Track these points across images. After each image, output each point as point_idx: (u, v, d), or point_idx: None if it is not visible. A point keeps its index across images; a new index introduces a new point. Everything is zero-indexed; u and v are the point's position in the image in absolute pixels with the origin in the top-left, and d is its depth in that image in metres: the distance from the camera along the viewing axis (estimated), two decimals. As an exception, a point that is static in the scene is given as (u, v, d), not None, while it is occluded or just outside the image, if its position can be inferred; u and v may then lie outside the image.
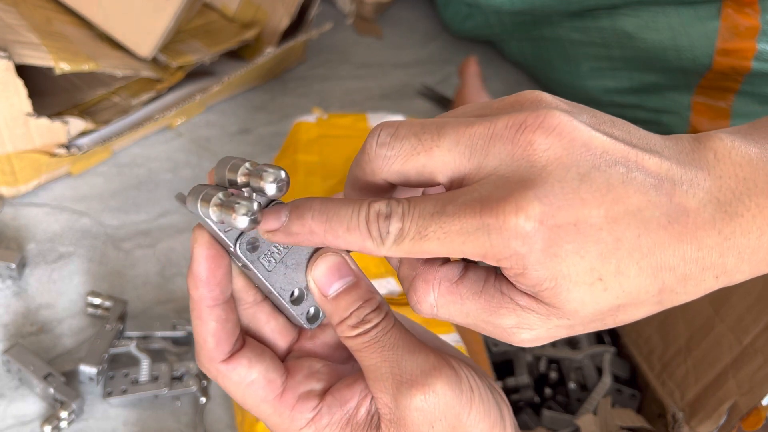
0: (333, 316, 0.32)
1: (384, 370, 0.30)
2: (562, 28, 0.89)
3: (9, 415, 0.55)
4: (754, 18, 0.72)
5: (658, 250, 0.27)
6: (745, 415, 0.48)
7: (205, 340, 0.32)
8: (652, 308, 0.29)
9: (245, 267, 0.32)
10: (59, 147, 0.68)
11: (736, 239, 0.27)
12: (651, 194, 0.26)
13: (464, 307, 0.29)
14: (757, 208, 0.27)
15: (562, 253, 0.26)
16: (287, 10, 0.86)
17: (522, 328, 0.28)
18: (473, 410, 0.31)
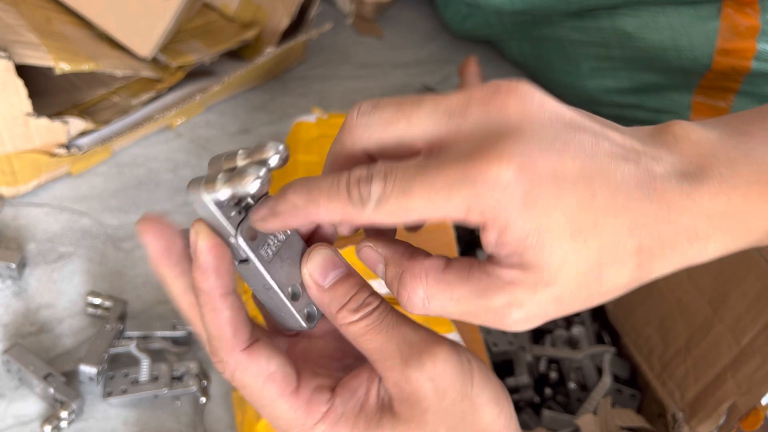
0: (332, 304, 0.32)
1: (391, 348, 0.31)
2: (562, 28, 0.89)
3: (9, 414, 0.55)
4: (754, 18, 0.72)
5: (631, 208, 0.28)
6: (744, 415, 0.48)
7: (222, 331, 0.31)
8: (633, 272, 0.28)
9: (244, 262, 0.32)
10: (59, 147, 0.68)
11: (704, 204, 0.28)
12: (619, 159, 0.28)
13: (454, 294, 0.29)
14: (721, 177, 0.28)
15: (542, 204, 0.27)
16: (287, 10, 0.86)
17: (512, 306, 0.29)
18: (475, 379, 0.31)
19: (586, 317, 0.67)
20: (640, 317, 0.62)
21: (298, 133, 0.71)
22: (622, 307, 0.64)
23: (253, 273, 0.32)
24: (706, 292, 0.55)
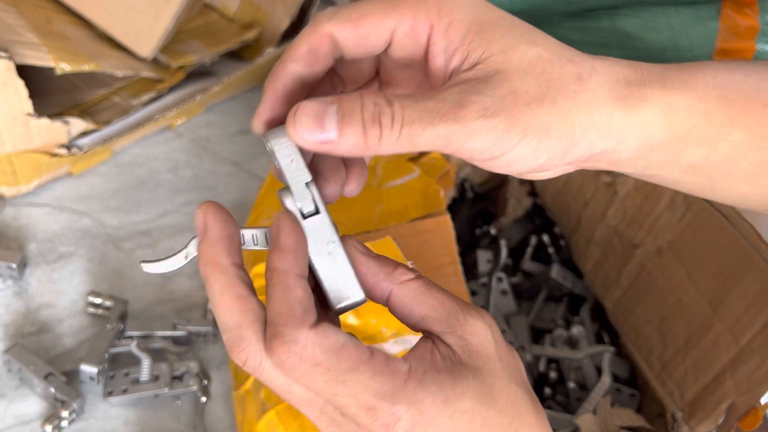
0: (385, 265, 0.33)
1: (448, 303, 0.32)
2: (562, 28, 0.89)
3: (10, 414, 0.55)
4: (754, 18, 0.72)
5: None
6: (743, 415, 0.48)
7: (291, 308, 0.29)
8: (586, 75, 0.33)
9: (311, 216, 0.32)
10: (60, 147, 0.68)
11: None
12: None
13: (419, 102, 0.30)
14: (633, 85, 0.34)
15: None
16: (287, 11, 0.86)
17: (470, 97, 0.30)
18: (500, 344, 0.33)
19: (586, 317, 0.67)
20: (640, 317, 0.62)
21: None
22: (622, 307, 0.65)
23: (321, 227, 0.32)
24: (705, 292, 0.55)
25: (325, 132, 0.29)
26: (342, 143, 0.30)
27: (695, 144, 0.34)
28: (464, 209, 0.73)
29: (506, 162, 0.32)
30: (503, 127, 0.30)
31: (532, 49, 0.31)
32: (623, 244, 0.64)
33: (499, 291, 0.67)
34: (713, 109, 0.33)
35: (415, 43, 0.32)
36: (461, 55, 0.31)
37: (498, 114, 0.30)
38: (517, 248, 0.73)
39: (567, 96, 0.31)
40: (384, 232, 0.56)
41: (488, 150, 0.31)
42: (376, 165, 0.64)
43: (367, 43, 0.32)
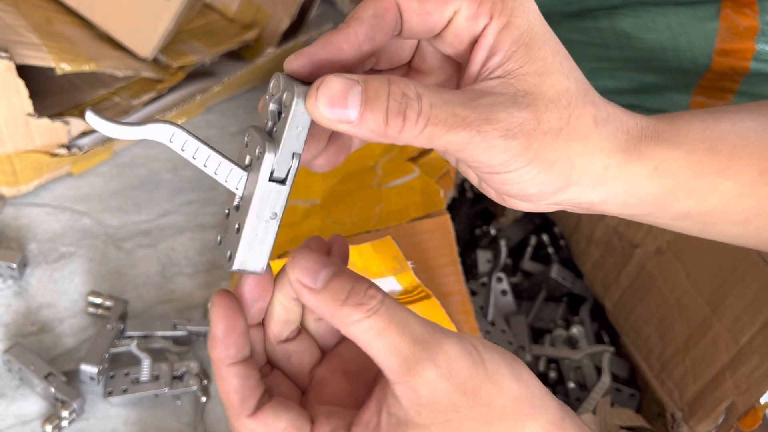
0: (330, 304, 0.30)
1: (403, 347, 0.29)
2: (561, 29, 0.89)
3: (10, 414, 0.55)
4: (753, 18, 0.72)
5: None
6: (743, 415, 0.48)
7: (228, 398, 0.32)
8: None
9: (281, 182, 0.32)
10: (60, 147, 0.68)
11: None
12: None
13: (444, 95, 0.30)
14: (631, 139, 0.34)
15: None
16: (287, 11, 0.86)
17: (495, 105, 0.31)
18: (486, 360, 0.30)
19: (586, 317, 0.67)
20: (639, 317, 0.62)
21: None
22: (622, 307, 0.65)
23: (277, 196, 0.32)
24: (704, 293, 0.55)
25: (345, 111, 0.29)
26: (360, 126, 0.29)
27: (685, 196, 0.35)
28: (464, 209, 0.73)
29: (503, 180, 0.32)
30: (518, 149, 0.31)
31: (564, 81, 0.32)
32: (623, 244, 0.64)
33: (498, 291, 0.67)
34: (702, 162, 0.34)
35: (470, 31, 0.32)
36: (500, 59, 0.31)
37: (518, 137, 0.30)
38: (516, 248, 0.73)
39: (579, 137, 0.32)
40: (384, 232, 0.57)
41: (496, 166, 0.31)
42: (376, 165, 0.64)
43: (428, 20, 0.32)
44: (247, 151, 0.33)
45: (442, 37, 0.33)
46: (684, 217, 0.36)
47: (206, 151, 0.32)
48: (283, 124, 0.31)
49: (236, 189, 0.32)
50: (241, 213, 0.32)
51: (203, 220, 0.73)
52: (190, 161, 0.32)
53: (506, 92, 0.31)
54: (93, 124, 0.30)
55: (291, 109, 0.31)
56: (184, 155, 0.31)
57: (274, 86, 0.32)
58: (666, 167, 0.34)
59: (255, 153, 0.32)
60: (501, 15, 0.31)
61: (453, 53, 0.34)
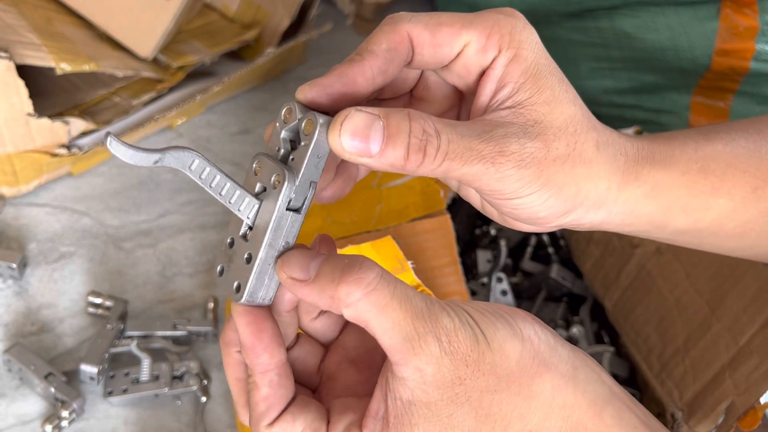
0: (326, 287, 0.30)
1: (406, 325, 0.29)
2: (561, 29, 0.89)
3: (10, 414, 0.55)
4: (753, 18, 0.72)
5: None
6: (742, 415, 0.48)
7: (256, 404, 0.32)
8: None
9: (296, 211, 0.32)
10: (60, 147, 0.68)
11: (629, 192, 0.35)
12: None
13: (459, 128, 0.31)
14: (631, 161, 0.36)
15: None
16: (287, 11, 0.86)
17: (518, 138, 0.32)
18: (483, 327, 0.30)
19: (586, 317, 0.67)
20: (639, 317, 0.62)
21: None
22: (621, 307, 0.65)
23: (291, 226, 0.32)
24: (704, 293, 0.55)
25: (368, 145, 0.30)
26: (381, 160, 0.30)
27: (681, 213, 0.36)
28: (464, 209, 0.73)
29: (515, 205, 0.33)
30: (530, 177, 0.32)
31: (571, 108, 0.33)
32: (623, 244, 0.64)
33: (498, 291, 0.67)
34: (696, 181, 0.36)
35: (479, 63, 0.33)
36: (510, 90, 0.33)
37: (530, 166, 0.32)
38: (516, 248, 0.73)
39: (583, 162, 0.33)
40: (384, 232, 0.57)
41: (509, 193, 0.32)
42: (375, 165, 0.64)
43: (439, 53, 0.33)
44: (258, 179, 0.33)
45: (450, 68, 0.34)
46: (681, 233, 0.38)
47: (223, 180, 0.32)
48: (303, 153, 0.31)
49: (247, 218, 0.32)
50: (251, 242, 0.32)
51: (203, 220, 0.73)
52: (206, 189, 0.32)
53: (517, 122, 0.32)
54: (114, 151, 0.31)
55: (314, 138, 0.31)
56: (201, 183, 0.31)
57: (286, 113, 0.32)
58: (661, 187, 0.36)
59: (270, 181, 0.32)
60: (509, 48, 0.33)
61: (460, 84, 0.35)
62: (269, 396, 0.32)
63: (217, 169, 0.31)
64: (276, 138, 0.33)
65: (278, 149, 0.33)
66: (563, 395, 0.30)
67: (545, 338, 0.31)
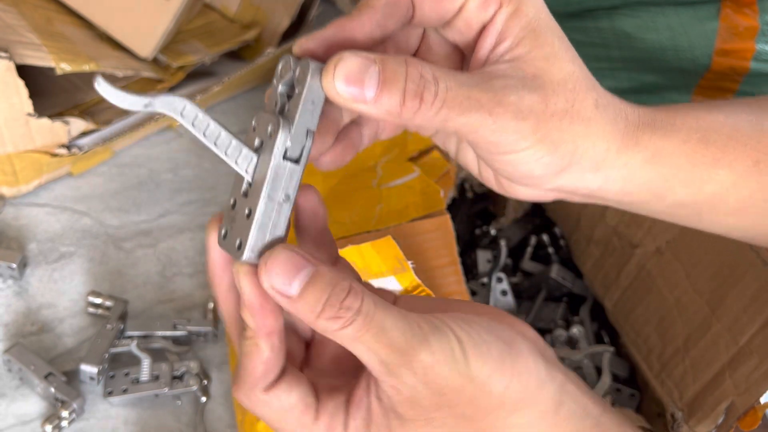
0: (306, 315, 0.29)
1: (381, 351, 0.29)
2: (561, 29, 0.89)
3: (10, 414, 0.55)
4: (753, 18, 0.72)
5: None
6: (742, 415, 0.48)
7: (254, 368, 0.31)
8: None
9: (295, 162, 0.31)
10: (60, 147, 0.68)
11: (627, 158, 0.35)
12: None
13: (460, 77, 0.31)
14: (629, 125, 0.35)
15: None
16: (287, 11, 0.86)
17: (507, 89, 0.31)
18: (470, 359, 0.29)
19: (586, 317, 0.67)
20: (639, 317, 0.62)
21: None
22: (621, 307, 0.65)
23: (290, 176, 0.31)
24: (704, 292, 0.55)
25: (362, 90, 0.29)
26: (376, 106, 0.29)
27: (681, 185, 0.36)
28: (464, 209, 0.73)
29: (509, 161, 0.33)
30: (527, 130, 0.31)
31: (570, 65, 0.33)
32: (623, 244, 0.64)
33: (498, 291, 0.67)
34: (696, 150, 0.35)
35: (480, 18, 0.33)
36: (509, 44, 0.32)
37: (528, 118, 0.31)
38: (516, 248, 0.73)
39: (582, 120, 0.33)
40: (384, 232, 0.57)
41: (505, 146, 0.32)
42: (376, 165, 0.64)
43: (440, 8, 0.33)
44: (256, 134, 0.32)
45: (451, 24, 0.34)
46: (680, 205, 0.37)
47: (216, 129, 0.31)
48: (296, 101, 0.31)
49: (246, 172, 0.31)
50: (251, 197, 0.31)
51: (203, 220, 0.73)
52: (200, 139, 0.30)
53: (516, 75, 0.32)
54: (103, 92, 0.30)
55: (306, 84, 0.30)
56: (194, 131, 0.30)
57: (283, 68, 0.32)
58: (661, 155, 0.35)
59: (266, 132, 0.31)
60: (510, 3, 0.32)
61: (460, 41, 0.35)
62: (270, 360, 0.31)
63: (210, 117, 0.31)
64: (274, 94, 0.32)
65: (276, 104, 0.32)
66: (539, 429, 0.31)
67: (537, 372, 0.30)
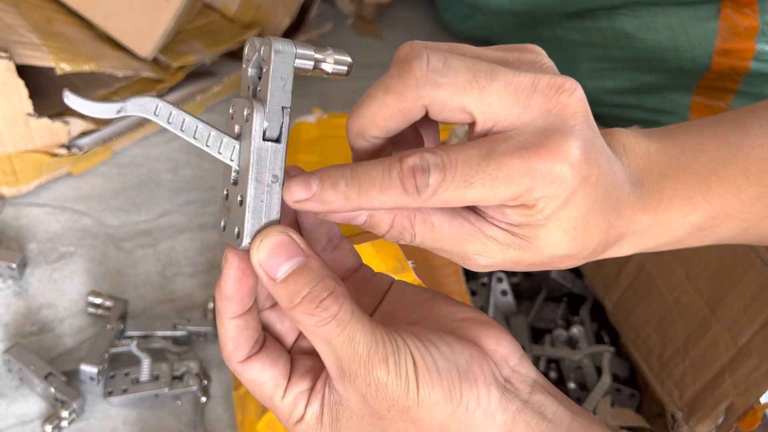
0: (283, 300, 0.31)
1: (339, 355, 0.31)
2: (561, 29, 0.89)
3: (10, 414, 0.55)
4: (753, 18, 0.72)
5: (607, 212, 0.32)
6: (742, 415, 0.48)
7: (225, 343, 0.34)
8: (575, 263, 0.33)
9: (276, 141, 0.31)
10: (60, 147, 0.68)
11: (637, 218, 0.33)
12: (608, 166, 0.32)
13: (436, 234, 0.32)
14: (652, 192, 0.34)
15: (572, 201, 0.30)
16: (287, 11, 0.86)
17: (481, 254, 0.32)
18: (420, 383, 0.31)
19: (586, 317, 0.67)
20: (639, 317, 0.62)
21: (299, 134, 0.71)
22: (621, 307, 0.65)
23: (274, 156, 0.31)
24: (704, 293, 0.55)
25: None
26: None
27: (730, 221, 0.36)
28: (464, 209, 0.73)
29: None
30: None
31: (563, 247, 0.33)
32: (623, 244, 0.64)
33: (499, 291, 0.67)
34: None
35: None
36: (512, 225, 0.32)
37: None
38: (516, 248, 0.72)
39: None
40: (384, 232, 0.56)
41: None
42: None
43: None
44: (234, 121, 0.32)
45: None
46: (731, 238, 0.37)
47: (193, 122, 0.31)
48: (266, 80, 0.31)
49: (231, 160, 0.32)
50: (240, 184, 0.31)
51: (203, 220, 0.73)
52: (178, 134, 0.31)
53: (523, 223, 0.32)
54: (72, 104, 0.29)
55: (271, 61, 0.30)
56: (171, 128, 0.30)
57: (249, 50, 0.32)
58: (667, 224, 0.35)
59: (243, 117, 0.31)
60: (529, 207, 0.32)
61: None
62: (236, 336, 0.33)
63: (185, 112, 0.31)
64: (245, 78, 0.32)
65: (248, 88, 0.32)
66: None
67: (486, 403, 0.31)
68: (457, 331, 0.34)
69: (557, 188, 0.30)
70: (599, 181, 0.31)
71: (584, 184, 0.30)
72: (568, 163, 0.29)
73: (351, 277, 0.38)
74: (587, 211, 0.31)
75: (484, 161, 0.29)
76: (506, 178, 0.29)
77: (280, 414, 0.34)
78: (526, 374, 0.33)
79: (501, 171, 0.29)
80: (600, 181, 0.31)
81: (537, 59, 0.32)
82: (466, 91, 0.29)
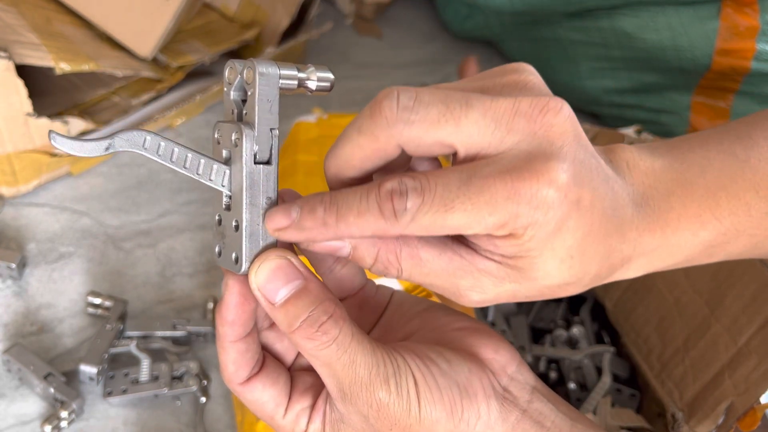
0: (282, 324, 0.31)
1: (339, 377, 0.31)
2: (561, 29, 0.89)
3: (9, 414, 0.55)
4: (754, 18, 0.72)
5: (609, 237, 0.30)
6: (742, 415, 0.48)
7: (226, 366, 0.34)
8: (576, 291, 0.31)
9: (267, 164, 0.31)
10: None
11: (643, 239, 0.32)
12: (606, 188, 0.30)
13: (424, 269, 0.30)
14: (659, 212, 0.32)
15: (565, 228, 0.28)
16: (287, 11, 0.86)
17: (474, 289, 0.30)
18: (422, 402, 0.31)
19: (586, 317, 0.67)
20: (639, 317, 0.62)
21: (298, 133, 0.71)
22: (622, 307, 0.65)
23: (267, 179, 0.31)
24: (703, 293, 0.55)
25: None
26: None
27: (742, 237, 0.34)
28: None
29: None
30: None
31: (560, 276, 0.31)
32: (623, 244, 0.64)
33: (498, 291, 0.67)
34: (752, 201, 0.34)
35: None
36: (504, 257, 0.30)
37: None
38: (516, 248, 0.72)
39: None
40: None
41: None
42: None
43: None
44: (222, 146, 0.32)
45: None
46: (740, 253, 0.36)
47: (183, 152, 0.31)
48: (252, 103, 0.31)
49: (222, 186, 0.32)
50: (234, 209, 0.32)
51: (203, 220, 0.73)
52: (168, 166, 0.31)
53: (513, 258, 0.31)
54: (59, 146, 0.29)
55: (256, 83, 0.30)
56: (161, 160, 0.30)
57: (230, 74, 0.32)
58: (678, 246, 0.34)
59: (231, 142, 0.31)
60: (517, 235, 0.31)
61: None
62: (236, 359, 0.33)
63: (173, 142, 0.30)
64: (228, 102, 0.32)
65: (233, 111, 0.32)
66: None
67: (486, 417, 0.31)
68: (455, 341, 0.33)
69: (545, 214, 0.28)
70: (594, 205, 0.29)
71: (576, 209, 0.28)
72: (554, 187, 0.28)
73: (356, 294, 0.38)
74: (583, 237, 0.29)
75: (464, 185, 0.28)
76: (488, 203, 0.27)
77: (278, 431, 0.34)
78: (524, 381, 0.33)
79: (482, 195, 0.27)
80: (595, 204, 0.29)
81: (521, 79, 0.30)
82: (441, 124, 0.28)
